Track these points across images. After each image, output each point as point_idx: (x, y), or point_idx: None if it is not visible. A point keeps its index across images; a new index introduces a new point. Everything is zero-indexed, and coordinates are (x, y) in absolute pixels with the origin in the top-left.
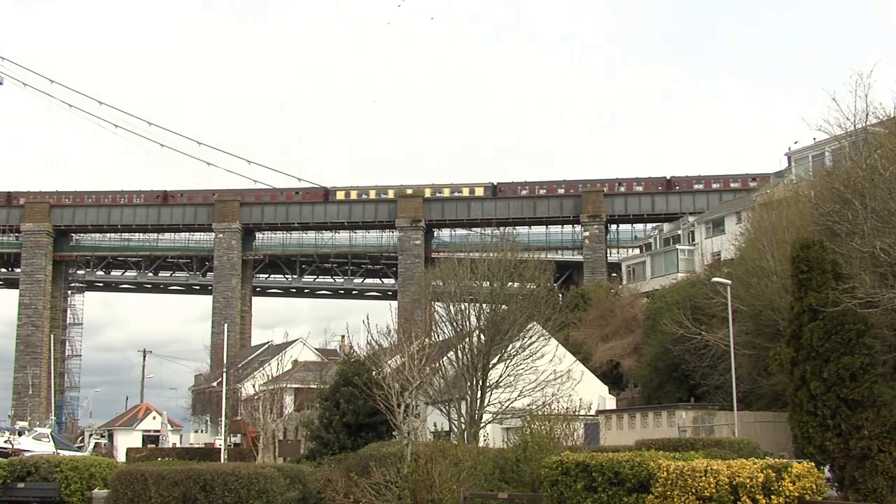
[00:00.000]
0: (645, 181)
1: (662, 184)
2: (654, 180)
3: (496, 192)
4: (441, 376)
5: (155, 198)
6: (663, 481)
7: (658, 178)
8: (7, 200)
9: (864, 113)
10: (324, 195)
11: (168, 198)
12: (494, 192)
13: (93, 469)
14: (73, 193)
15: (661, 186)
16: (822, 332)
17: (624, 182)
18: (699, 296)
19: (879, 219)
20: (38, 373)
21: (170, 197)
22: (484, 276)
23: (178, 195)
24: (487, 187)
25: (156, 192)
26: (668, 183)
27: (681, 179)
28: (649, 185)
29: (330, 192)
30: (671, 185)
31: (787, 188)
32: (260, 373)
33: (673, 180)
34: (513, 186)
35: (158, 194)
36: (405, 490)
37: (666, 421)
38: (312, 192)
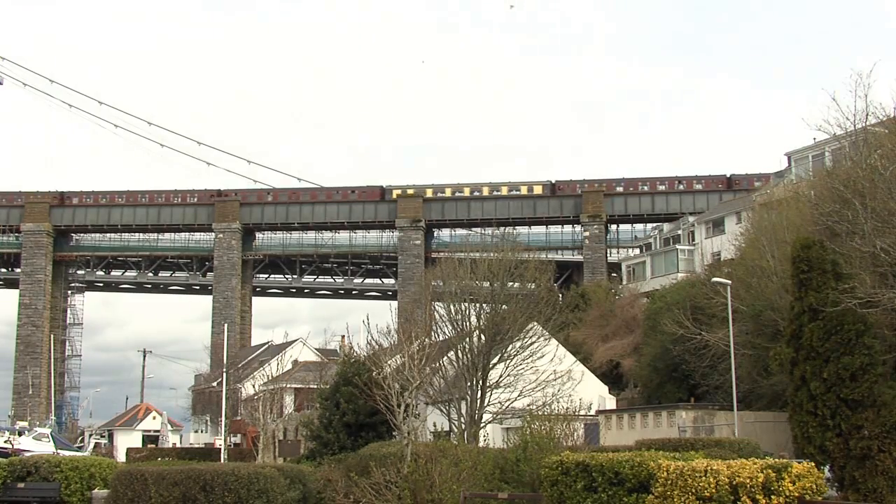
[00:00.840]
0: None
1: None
2: (654, 180)
3: (554, 190)
4: (441, 376)
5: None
6: (663, 481)
7: (657, 179)
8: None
9: (864, 113)
10: (380, 194)
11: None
12: (553, 190)
13: (93, 469)
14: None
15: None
16: (822, 332)
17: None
18: (699, 296)
19: (879, 219)
20: (38, 373)
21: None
22: (484, 276)
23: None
24: (546, 185)
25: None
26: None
27: (680, 179)
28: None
29: (385, 190)
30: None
31: (787, 188)
32: (260, 373)
33: (672, 180)
34: (571, 184)
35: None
36: (405, 490)
37: (666, 421)
38: (369, 192)
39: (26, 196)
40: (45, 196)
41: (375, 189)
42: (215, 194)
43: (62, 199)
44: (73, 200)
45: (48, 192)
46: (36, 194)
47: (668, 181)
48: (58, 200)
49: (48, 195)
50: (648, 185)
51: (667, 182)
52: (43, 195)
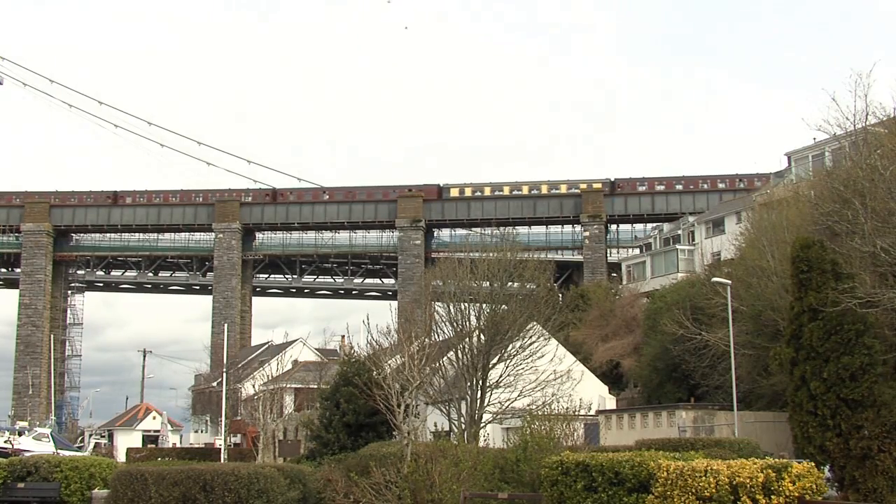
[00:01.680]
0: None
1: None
2: (654, 180)
3: (614, 188)
4: (441, 376)
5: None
6: (663, 481)
7: (657, 179)
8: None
9: (863, 113)
10: (437, 193)
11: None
12: (613, 188)
13: (93, 469)
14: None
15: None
16: (822, 332)
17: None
18: (699, 296)
19: (879, 218)
20: (38, 373)
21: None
22: (484, 276)
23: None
24: (605, 183)
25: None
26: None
27: (681, 179)
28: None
29: (443, 189)
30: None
31: (787, 188)
32: (260, 373)
33: (671, 180)
34: (631, 182)
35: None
36: (405, 490)
37: (666, 421)
38: (426, 190)
39: (26, 196)
40: (45, 196)
41: (433, 187)
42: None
43: (62, 199)
44: (73, 200)
45: (48, 192)
46: (36, 194)
47: (667, 181)
48: (58, 200)
49: (48, 195)
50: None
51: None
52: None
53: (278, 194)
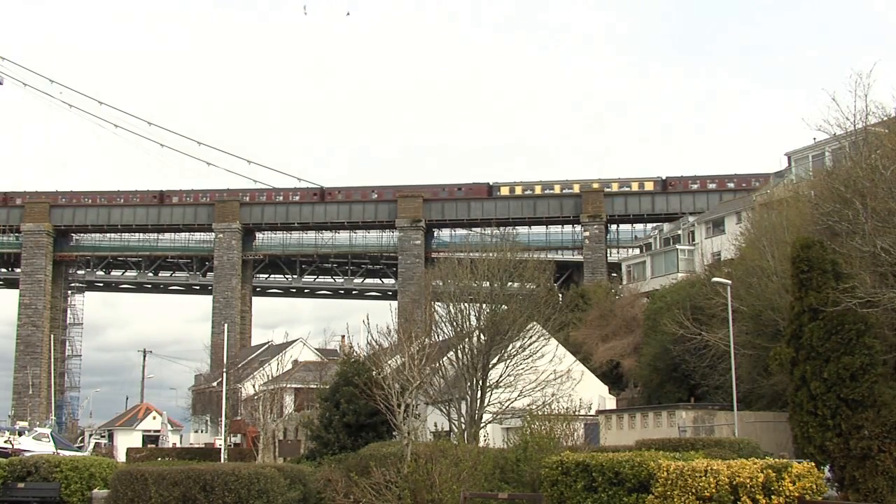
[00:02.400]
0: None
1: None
2: (654, 180)
3: (666, 185)
4: (441, 376)
5: (152, 198)
6: (663, 481)
7: (657, 178)
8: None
9: (864, 112)
10: (487, 191)
11: (164, 198)
12: (665, 185)
13: (93, 469)
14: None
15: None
16: (823, 332)
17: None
18: (699, 296)
19: (880, 218)
20: (38, 373)
21: (166, 197)
22: (484, 276)
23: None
24: (657, 181)
25: (153, 192)
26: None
27: (681, 179)
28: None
29: (493, 188)
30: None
31: (787, 188)
32: (260, 373)
33: (671, 180)
34: (683, 181)
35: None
36: (405, 490)
37: (666, 421)
38: (476, 189)
39: (26, 196)
40: (45, 196)
41: (483, 186)
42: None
43: (62, 199)
44: (73, 200)
45: (48, 192)
46: (36, 194)
47: (665, 182)
48: (58, 200)
49: (48, 195)
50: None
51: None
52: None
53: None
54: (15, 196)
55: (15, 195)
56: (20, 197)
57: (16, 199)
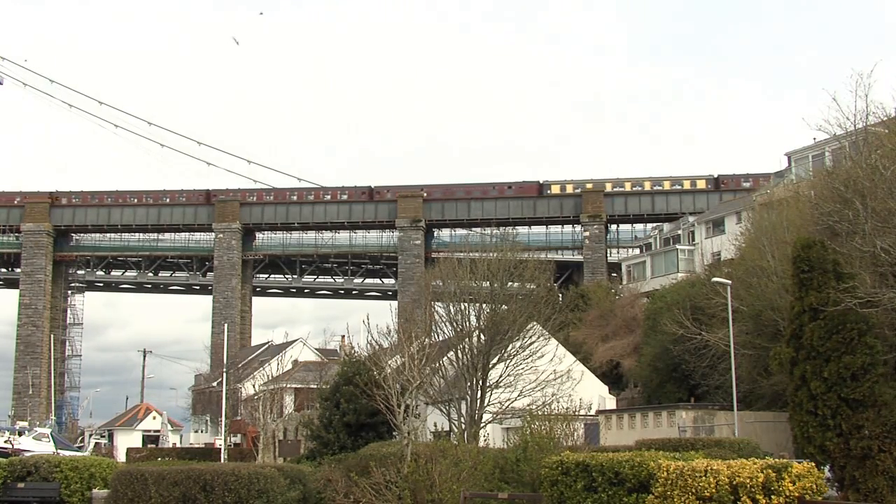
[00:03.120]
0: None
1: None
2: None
3: (719, 184)
4: (441, 376)
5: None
6: (663, 481)
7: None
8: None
9: (864, 113)
10: (537, 189)
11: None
12: (717, 184)
13: (93, 469)
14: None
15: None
16: (823, 332)
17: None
18: (699, 296)
19: (880, 218)
20: (38, 373)
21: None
22: (484, 276)
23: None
24: (709, 180)
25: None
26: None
27: (733, 177)
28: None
29: (543, 186)
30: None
31: (787, 188)
32: (260, 373)
33: (723, 178)
34: (735, 178)
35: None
36: (405, 490)
37: (666, 421)
38: (526, 187)
39: (26, 196)
40: (45, 196)
41: (532, 184)
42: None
43: (62, 199)
44: (72, 200)
45: (48, 192)
46: (36, 194)
47: (670, 181)
48: (58, 200)
49: (48, 195)
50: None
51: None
52: (43, 195)
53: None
54: (15, 196)
55: (15, 195)
56: (20, 197)
57: (16, 199)
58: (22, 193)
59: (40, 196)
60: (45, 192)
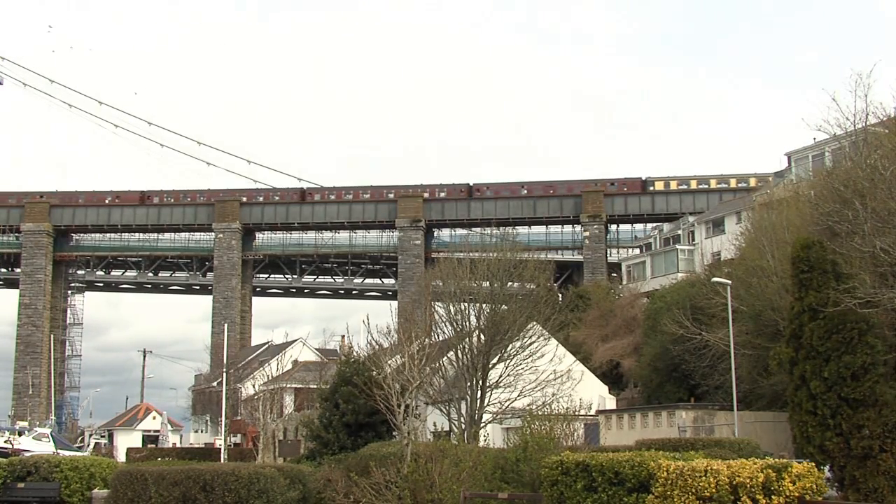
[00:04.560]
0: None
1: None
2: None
3: None
4: (441, 376)
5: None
6: (663, 481)
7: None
8: None
9: (864, 113)
10: (641, 186)
11: (147, 198)
12: None
13: (93, 469)
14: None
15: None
16: (823, 332)
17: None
18: (699, 296)
19: (880, 219)
20: (38, 373)
21: (147, 198)
22: (484, 276)
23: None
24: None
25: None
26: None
27: (681, 179)
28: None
29: (647, 182)
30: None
31: (787, 188)
32: (260, 373)
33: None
34: None
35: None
36: (405, 490)
37: (666, 421)
38: (629, 183)
39: (26, 196)
40: (45, 196)
41: (636, 180)
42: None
43: (62, 199)
44: (72, 200)
45: (48, 192)
46: (36, 194)
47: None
48: (58, 200)
49: (48, 195)
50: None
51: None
52: (43, 195)
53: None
54: (15, 196)
55: (15, 195)
56: (20, 197)
57: (16, 199)
58: (22, 193)
59: (40, 196)
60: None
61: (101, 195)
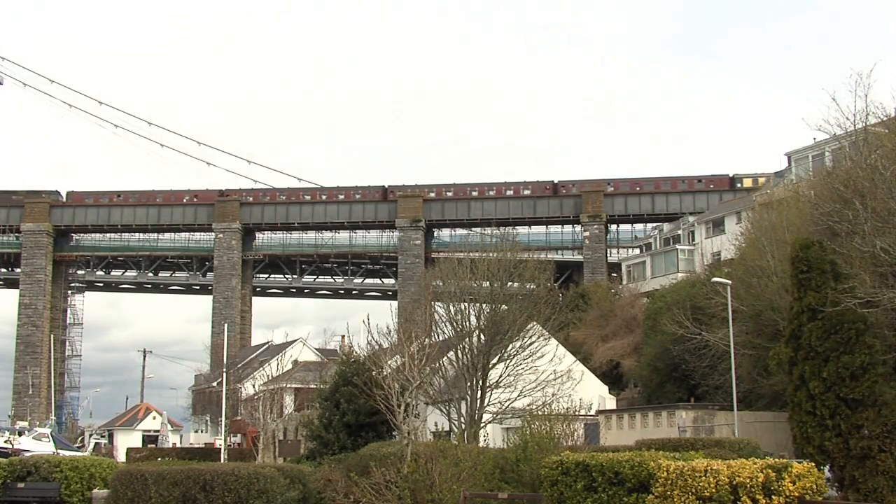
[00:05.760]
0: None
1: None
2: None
3: None
4: (441, 376)
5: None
6: (663, 481)
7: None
8: None
9: (864, 113)
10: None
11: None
12: None
13: (93, 469)
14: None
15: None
16: (822, 332)
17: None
18: (699, 296)
19: (879, 218)
20: (38, 373)
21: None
22: (484, 276)
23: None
24: None
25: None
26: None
27: (680, 179)
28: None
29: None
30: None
31: (787, 188)
32: (260, 373)
33: (672, 180)
34: None
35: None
36: (405, 490)
37: (666, 421)
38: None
39: (26, 196)
40: (45, 196)
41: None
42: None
43: (62, 199)
44: (73, 200)
45: (48, 192)
46: (36, 194)
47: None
48: (57, 200)
49: (48, 195)
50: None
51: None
52: (43, 195)
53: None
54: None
55: (15, 195)
56: (20, 197)
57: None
58: (22, 193)
59: (40, 196)
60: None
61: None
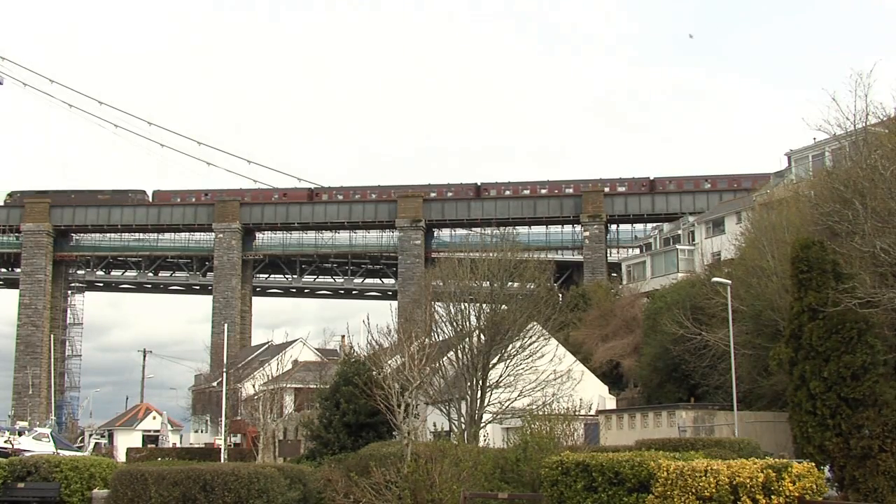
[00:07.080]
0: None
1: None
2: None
3: None
4: (441, 376)
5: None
6: (663, 481)
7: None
8: None
9: (864, 113)
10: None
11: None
12: None
13: (93, 469)
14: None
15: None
16: (822, 332)
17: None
18: (699, 296)
19: (879, 218)
20: (38, 373)
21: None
22: (484, 276)
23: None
24: None
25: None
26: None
27: (680, 179)
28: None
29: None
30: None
31: (787, 188)
32: (260, 373)
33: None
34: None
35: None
36: (405, 490)
37: (666, 421)
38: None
39: (26, 196)
40: (45, 196)
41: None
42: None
43: (62, 199)
44: (73, 200)
45: (48, 192)
46: (122, 194)
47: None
48: (57, 200)
49: (135, 195)
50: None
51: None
52: (43, 195)
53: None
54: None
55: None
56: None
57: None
58: (22, 193)
59: (40, 196)
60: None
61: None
